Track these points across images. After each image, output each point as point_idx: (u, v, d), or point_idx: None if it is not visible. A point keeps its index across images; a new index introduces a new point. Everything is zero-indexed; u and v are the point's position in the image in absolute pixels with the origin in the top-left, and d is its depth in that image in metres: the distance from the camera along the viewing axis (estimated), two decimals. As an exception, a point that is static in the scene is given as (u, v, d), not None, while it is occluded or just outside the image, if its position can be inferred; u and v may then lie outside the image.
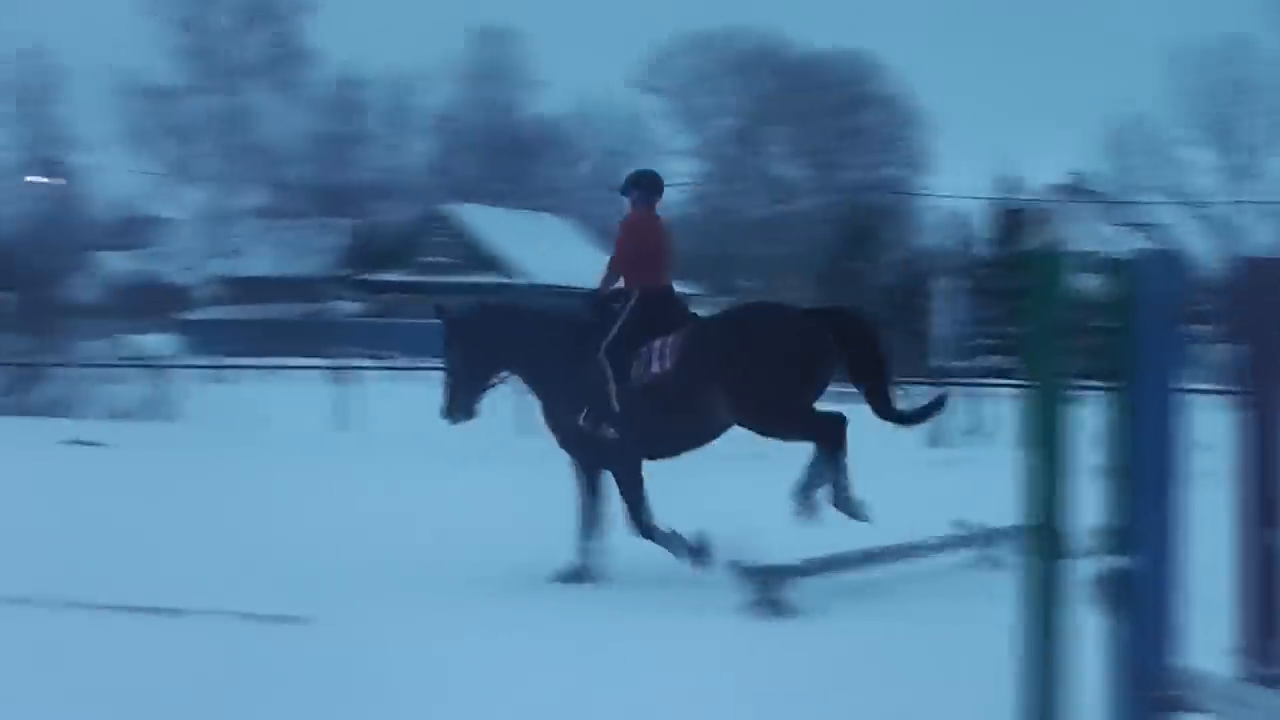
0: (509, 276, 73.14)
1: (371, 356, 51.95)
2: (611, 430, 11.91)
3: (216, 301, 73.79)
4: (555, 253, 75.34)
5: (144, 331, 68.77)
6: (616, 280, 12.47)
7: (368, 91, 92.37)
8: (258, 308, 70.50)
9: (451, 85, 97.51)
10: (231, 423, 27.01)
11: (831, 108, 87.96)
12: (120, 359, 46.31)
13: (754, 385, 11.49)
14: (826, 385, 11.74)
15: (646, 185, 12.72)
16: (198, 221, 74.35)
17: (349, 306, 76.42)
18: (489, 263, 74.01)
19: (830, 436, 11.34)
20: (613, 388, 11.86)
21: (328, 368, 37.07)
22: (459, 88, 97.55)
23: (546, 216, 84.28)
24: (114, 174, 79.91)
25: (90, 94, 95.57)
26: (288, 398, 29.31)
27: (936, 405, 12.15)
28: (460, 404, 12.48)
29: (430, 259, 75.89)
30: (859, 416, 11.57)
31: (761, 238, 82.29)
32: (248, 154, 75.30)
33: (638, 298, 12.18)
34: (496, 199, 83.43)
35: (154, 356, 47.71)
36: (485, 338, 12.47)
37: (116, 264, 77.74)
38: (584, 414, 11.98)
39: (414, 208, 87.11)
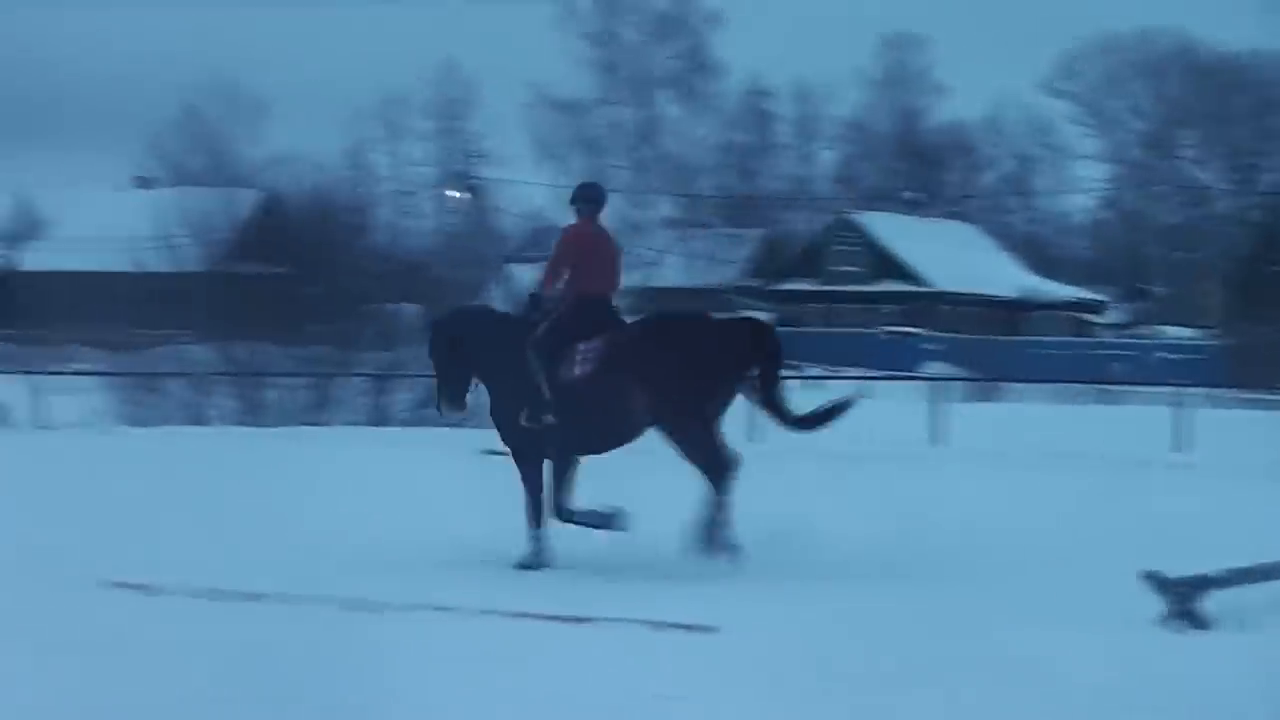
0: (917, 284, 72.56)
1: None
2: (551, 419, 12.77)
3: (626, 312, 74.70)
4: (964, 260, 74.53)
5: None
6: (555, 285, 13.32)
7: (775, 101, 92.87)
8: (665, 318, 71.25)
9: (859, 93, 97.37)
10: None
11: (1248, 110, 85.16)
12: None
13: (667, 388, 12.45)
14: (734, 393, 12.89)
15: (590, 199, 13.65)
16: (608, 233, 75.50)
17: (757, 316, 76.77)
18: (897, 271, 73.57)
19: (719, 471, 12.55)
20: (543, 382, 12.75)
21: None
22: (866, 95, 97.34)
23: (955, 223, 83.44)
24: (525, 187, 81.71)
25: (502, 109, 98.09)
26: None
27: (839, 408, 13.29)
28: (447, 399, 13.61)
29: (838, 268, 75.77)
30: None
31: (1173, 243, 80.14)
32: (657, 165, 76.20)
33: (569, 302, 13.07)
34: (904, 206, 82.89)
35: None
36: (456, 339, 13.54)
37: (527, 276, 79.38)
38: (523, 411, 12.86)
39: (822, 216, 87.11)
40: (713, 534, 12.41)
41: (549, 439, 12.94)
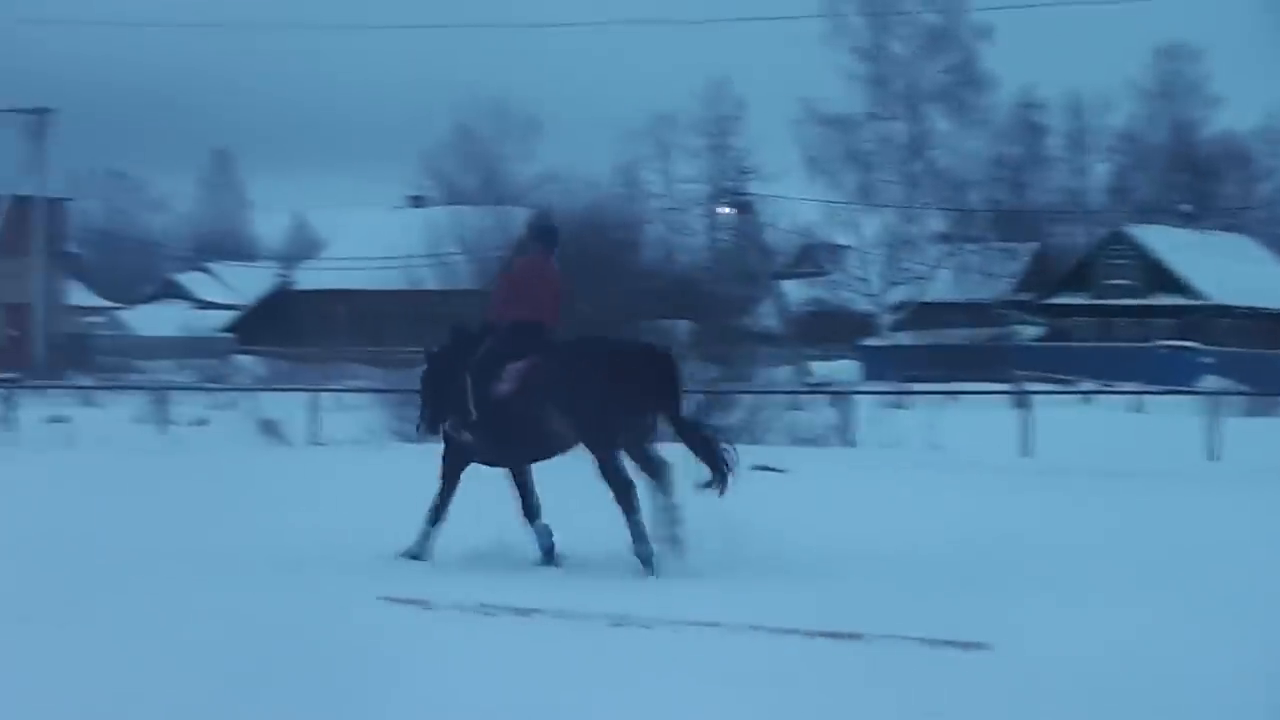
0: (1192, 297, 71.11)
1: (1053, 381, 51.25)
2: (467, 435, 14.07)
3: (897, 327, 74.34)
4: (1240, 272, 72.85)
5: (826, 358, 69.91)
6: (501, 312, 14.42)
7: (1047, 114, 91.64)
8: (938, 333, 70.69)
9: (1132, 104, 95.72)
10: (910, 447, 27.06)
11: None
12: (802, 385, 47.17)
13: (574, 411, 13.51)
14: (639, 416, 13.68)
15: (543, 237, 14.89)
16: (878, 248, 75.05)
17: (1030, 330, 75.79)
18: (1171, 284, 72.19)
19: (621, 496, 13.33)
20: (470, 400, 13.92)
21: (1008, 393, 36.76)
22: (1140, 106, 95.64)
23: (1231, 235, 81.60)
24: (795, 202, 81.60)
25: (771, 125, 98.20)
26: (968, 423, 29.18)
27: (725, 460, 13.98)
28: (426, 421, 14.73)
29: (1111, 281, 74.55)
30: None
31: None
32: (927, 180, 75.64)
33: (504, 327, 14.16)
34: (1178, 219, 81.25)
35: (835, 382, 48.34)
36: (439, 358, 14.70)
37: (797, 291, 79.29)
38: (449, 420, 14.26)
39: (1095, 229, 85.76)
40: (669, 535, 13.38)
41: (476, 448, 14.18)
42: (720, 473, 13.90)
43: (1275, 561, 13.26)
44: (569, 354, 14.06)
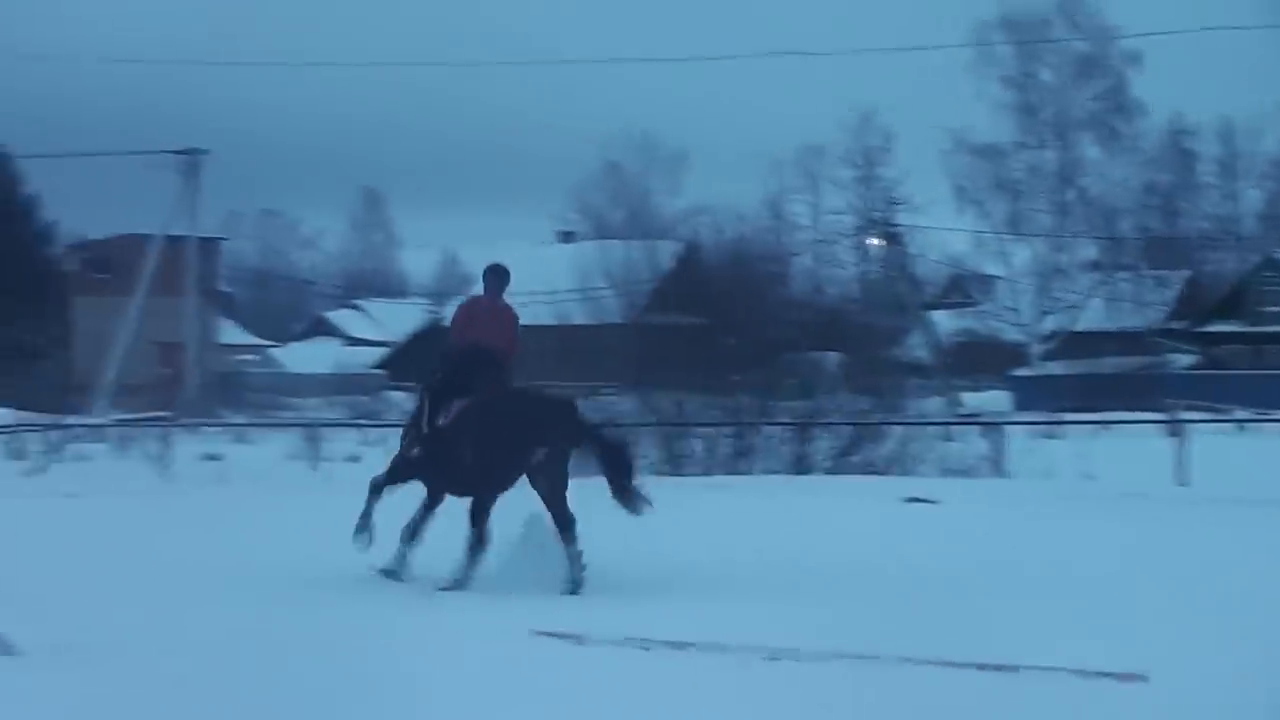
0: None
1: (1207, 409, 50.52)
2: (416, 451, 15.00)
3: (1048, 357, 73.70)
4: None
5: (976, 388, 69.43)
6: (457, 341, 15.56)
7: (1198, 140, 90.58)
8: (1089, 362, 69.97)
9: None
10: (1062, 478, 26.80)
11: None
12: (953, 416, 46.87)
13: (477, 449, 14.37)
14: (527, 462, 14.41)
15: (494, 277, 16.07)
16: (1028, 277, 74.50)
17: (1182, 359, 74.86)
18: (1329, 310, 71.09)
19: (474, 543, 14.28)
20: (424, 422, 14.95)
21: (1162, 422, 36.30)
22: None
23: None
24: (944, 232, 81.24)
25: (920, 155, 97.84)
26: (1121, 453, 28.87)
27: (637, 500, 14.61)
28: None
29: (1266, 308, 73.49)
30: None
31: None
32: (1077, 208, 75.01)
33: (458, 352, 15.28)
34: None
35: (986, 413, 48.00)
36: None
37: (947, 322, 78.86)
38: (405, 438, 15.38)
39: (1248, 256, 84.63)
40: (573, 579, 14.18)
41: (417, 467, 15.04)
42: (622, 486, 14.72)
43: None
44: (482, 402, 14.80)
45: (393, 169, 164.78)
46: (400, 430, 16.11)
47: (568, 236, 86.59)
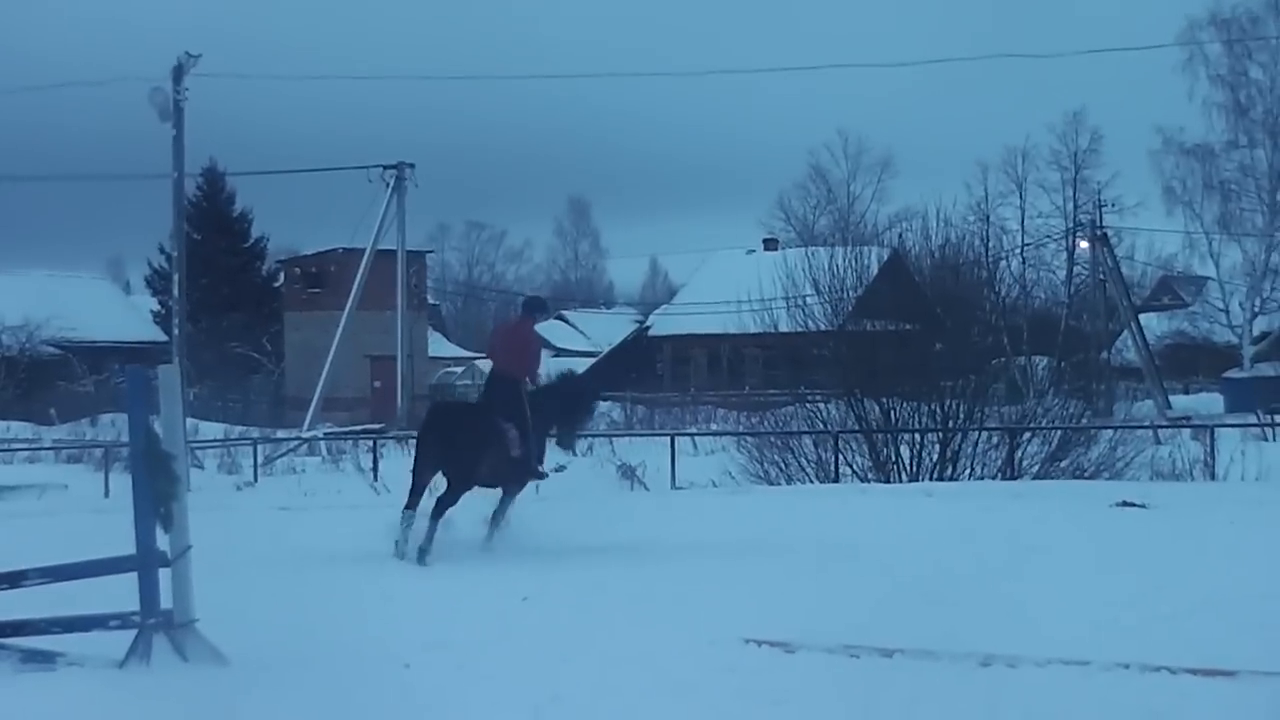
0: None
1: None
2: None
3: (1260, 358, 72.35)
4: None
5: (1187, 391, 68.34)
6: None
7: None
8: (1304, 363, 68.62)
9: None
10: (1275, 480, 26.33)
11: None
12: (1164, 419, 46.21)
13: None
14: (435, 459, 17.76)
15: (531, 308, 19.86)
16: (1239, 278, 73.19)
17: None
18: None
19: (438, 512, 17.31)
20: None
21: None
22: None
23: None
24: (1154, 234, 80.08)
25: (1130, 156, 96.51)
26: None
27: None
28: None
29: None
30: None
31: None
32: (1289, 208, 73.55)
33: (489, 377, 19.32)
34: None
35: (1198, 416, 47.28)
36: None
37: (1158, 324, 77.73)
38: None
39: None
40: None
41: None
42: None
43: None
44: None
45: (599, 179, 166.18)
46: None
47: (773, 244, 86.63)
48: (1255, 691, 9.44)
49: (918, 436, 31.18)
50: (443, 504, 17.33)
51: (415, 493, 17.64)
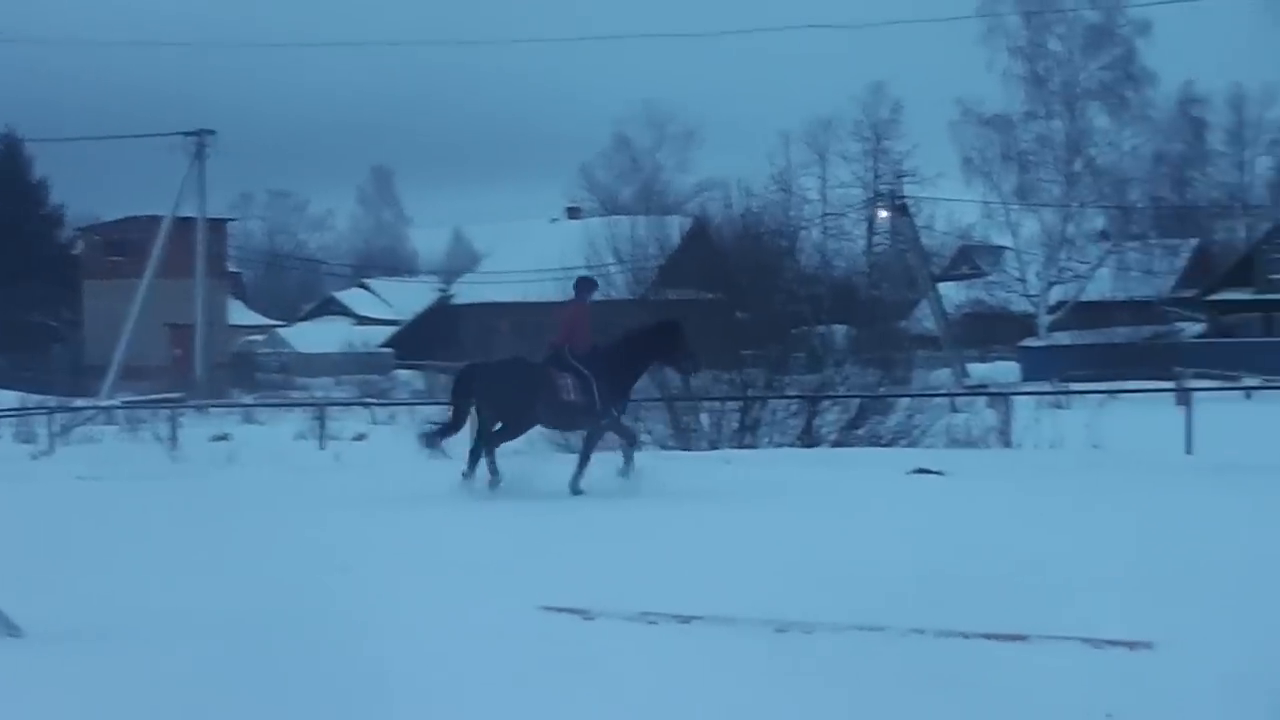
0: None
1: (1216, 378, 50.53)
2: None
3: (1057, 327, 73.65)
4: None
5: (984, 359, 69.34)
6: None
7: (1208, 108, 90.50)
8: (1098, 332, 69.91)
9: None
10: (1071, 448, 26.77)
11: None
12: (961, 387, 46.82)
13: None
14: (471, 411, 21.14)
15: (584, 288, 22.14)
16: (1037, 248, 74.43)
17: (1192, 327, 74.81)
18: (1337, 277, 70.91)
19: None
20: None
21: (1170, 390, 36.27)
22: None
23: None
24: (953, 204, 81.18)
25: (929, 127, 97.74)
26: (1130, 422, 28.84)
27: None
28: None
29: (1275, 276, 73.37)
30: None
31: None
32: (1087, 178, 74.88)
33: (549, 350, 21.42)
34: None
35: (994, 384, 47.95)
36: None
37: (956, 293, 78.77)
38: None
39: (1258, 224, 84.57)
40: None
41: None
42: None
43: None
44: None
45: (402, 147, 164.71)
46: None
47: (576, 213, 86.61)
48: (1046, 655, 9.56)
49: (717, 405, 31.31)
50: (494, 441, 20.63)
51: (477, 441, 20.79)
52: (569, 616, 11.14)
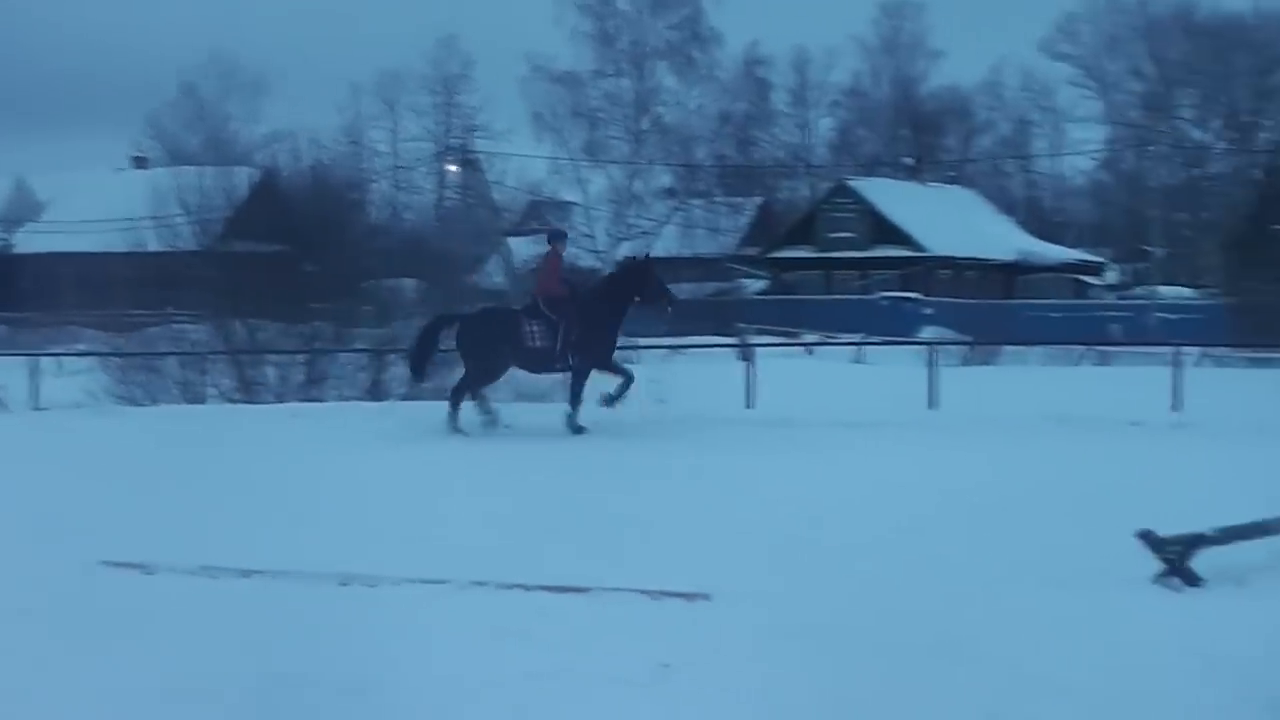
0: (914, 249, 72.53)
1: (778, 334, 51.94)
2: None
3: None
4: (961, 224, 74.54)
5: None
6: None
7: (773, 70, 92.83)
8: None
9: (856, 60, 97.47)
10: (634, 402, 27.10)
11: (1247, 69, 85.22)
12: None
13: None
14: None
15: (559, 238, 23.11)
16: (604, 204, 75.28)
17: (755, 284, 76.69)
18: (894, 236, 73.54)
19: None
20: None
21: (733, 346, 37.07)
22: (864, 62, 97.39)
23: (953, 188, 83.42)
24: (522, 159, 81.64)
25: (499, 82, 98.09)
26: (693, 377, 29.33)
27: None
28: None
29: (836, 234, 75.72)
30: None
31: (1173, 203, 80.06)
32: (654, 136, 75.94)
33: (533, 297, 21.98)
34: (902, 172, 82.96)
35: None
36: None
37: (525, 248, 79.29)
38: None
39: (820, 184, 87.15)
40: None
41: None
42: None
43: (962, 501, 13.68)
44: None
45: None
46: None
47: (142, 163, 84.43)
48: (606, 605, 9.70)
49: (284, 358, 30.93)
50: (474, 384, 21.72)
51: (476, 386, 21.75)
52: (129, 571, 10.92)
